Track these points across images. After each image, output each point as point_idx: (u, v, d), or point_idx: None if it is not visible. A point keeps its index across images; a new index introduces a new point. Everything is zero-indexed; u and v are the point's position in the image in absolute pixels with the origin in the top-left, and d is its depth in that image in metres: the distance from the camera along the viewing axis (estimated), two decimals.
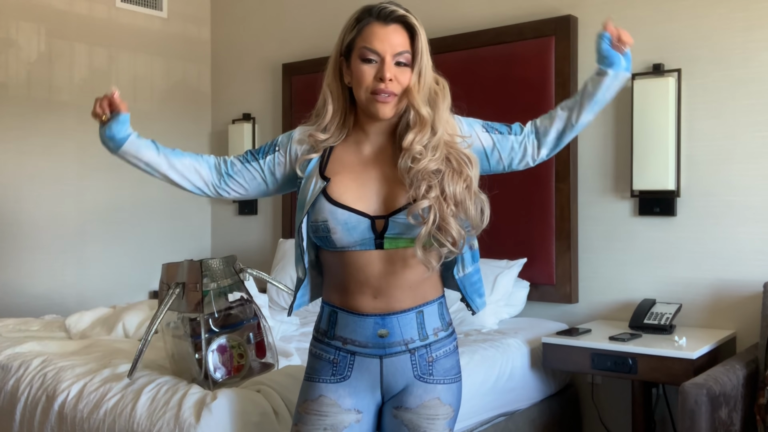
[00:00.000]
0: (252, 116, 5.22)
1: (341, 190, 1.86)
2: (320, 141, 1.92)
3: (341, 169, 1.89)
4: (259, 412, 2.29)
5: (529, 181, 3.80)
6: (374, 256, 1.85)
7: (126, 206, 4.97)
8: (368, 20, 1.85)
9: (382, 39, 1.82)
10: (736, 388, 2.81)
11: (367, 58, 1.82)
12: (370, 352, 1.88)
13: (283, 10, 5.08)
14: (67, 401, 2.56)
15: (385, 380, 1.89)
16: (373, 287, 1.86)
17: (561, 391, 3.65)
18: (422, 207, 1.77)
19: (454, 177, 1.82)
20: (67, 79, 4.69)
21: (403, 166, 1.81)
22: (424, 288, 1.91)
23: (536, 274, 3.82)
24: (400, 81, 1.82)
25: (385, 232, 1.83)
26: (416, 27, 1.86)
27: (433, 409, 1.90)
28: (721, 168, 3.42)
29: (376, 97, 1.81)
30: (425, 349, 1.90)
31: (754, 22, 3.33)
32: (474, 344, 3.25)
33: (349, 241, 1.84)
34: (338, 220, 1.83)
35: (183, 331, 2.56)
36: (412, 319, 1.88)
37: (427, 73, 1.86)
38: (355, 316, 1.88)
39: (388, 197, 1.85)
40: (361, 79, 1.83)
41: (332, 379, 1.91)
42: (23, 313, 4.35)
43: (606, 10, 3.71)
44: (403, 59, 1.83)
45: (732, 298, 3.38)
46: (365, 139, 1.93)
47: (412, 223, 1.79)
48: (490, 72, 3.98)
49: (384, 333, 1.86)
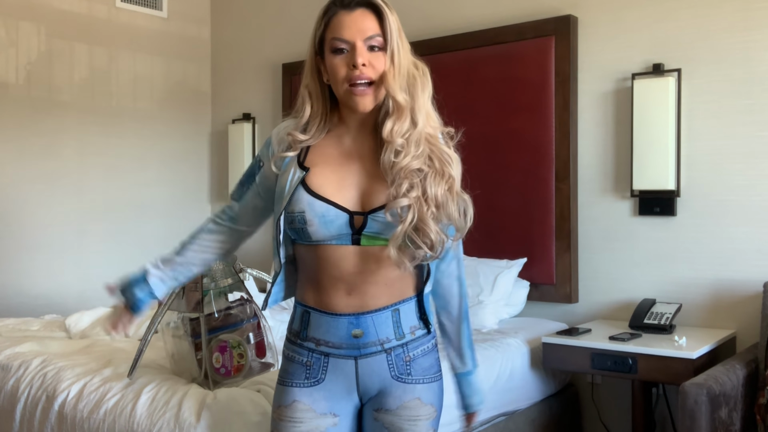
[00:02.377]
0: (252, 116, 5.22)
1: (320, 181, 1.79)
2: (299, 141, 1.84)
3: (321, 161, 1.83)
4: (259, 411, 2.29)
5: (529, 181, 3.81)
6: (350, 252, 1.78)
7: (126, 206, 4.97)
8: (333, 10, 1.79)
9: (349, 25, 1.76)
10: (736, 388, 2.81)
11: (338, 48, 1.76)
12: (344, 353, 1.81)
13: (283, 10, 5.09)
14: (67, 401, 2.56)
15: (361, 382, 1.83)
16: (347, 283, 1.79)
17: (561, 391, 3.65)
18: (401, 205, 1.70)
19: (437, 178, 1.75)
20: (67, 79, 4.69)
21: (386, 161, 1.74)
22: (401, 285, 1.83)
23: (536, 273, 3.82)
24: (375, 66, 1.75)
25: (363, 229, 1.77)
26: (382, 7, 1.77)
27: (414, 410, 1.84)
28: (722, 168, 3.42)
29: (353, 89, 1.74)
30: (402, 349, 1.83)
31: (754, 22, 3.33)
32: (474, 344, 3.24)
33: (325, 234, 1.77)
34: (315, 212, 1.76)
35: (183, 330, 2.56)
36: (388, 317, 1.81)
37: (402, 55, 1.78)
38: (328, 316, 1.81)
39: (367, 192, 1.79)
40: (336, 72, 1.77)
41: (306, 382, 1.85)
42: (23, 313, 4.35)
43: (606, 9, 3.71)
44: (375, 43, 1.76)
45: (732, 298, 3.38)
46: (346, 132, 1.86)
47: (389, 221, 1.72)
48: (489, 72, 3.97)
49: (358, 333, 1.80)
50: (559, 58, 3.78)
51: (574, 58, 3.78)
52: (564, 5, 3.83)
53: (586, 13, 3.78)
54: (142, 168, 5.07)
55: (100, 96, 4.85)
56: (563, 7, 3.83)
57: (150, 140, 5.12)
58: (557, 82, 3.78)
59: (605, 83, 3.72)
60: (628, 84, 3.63)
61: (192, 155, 5.41)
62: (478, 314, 3.58)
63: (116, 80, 4.94)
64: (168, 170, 5.23)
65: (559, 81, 3.77)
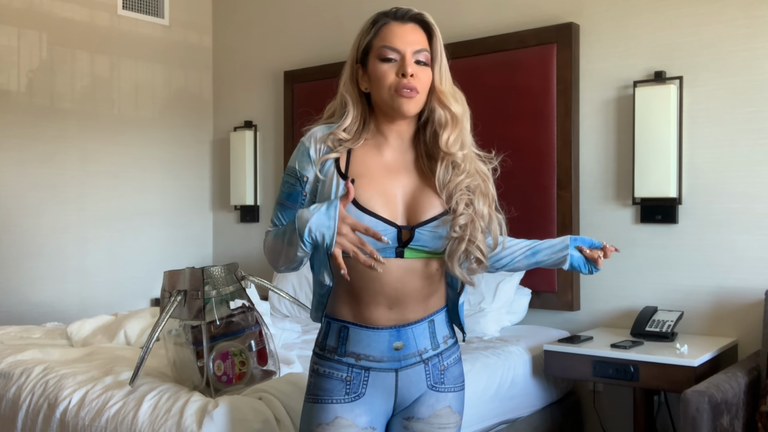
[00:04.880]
0: (254, 124, 5.22)
1: (368, 194, 1.78)
2: (342, 141, 1.83)
3: (365, 172, 1.82)
4: (261, 419, 2.28)
5: (530, 189, 3.81)
6: (392, 264, 1.78)
7: (127, 213, 4.98)
8: (385, 21, 1.83)
9: (401, 36, 1.80)
10: (738, 396, 2.81)
11: (386, 57, 1.79)
12: (385, 366, 1.83)
13: (284, 18, 5.10)
14: (69, 409, 2.56)
15: (399, 393, 1.85)
16: (388, 297, 1.80)
17: (563, 399, 3.65)
18: (462, 223, 1.78)
19: (482, 196, 1.83)
20: (69, 87, 4.70)
21: (442, 177, 1.81)
22: (433, 298, 1.87)
23: (538, 281, 3.82)
24: (421, 79, 1.79)
25: (409, 242, 1.79)
26: (433, 26, 1.84)
27: (444, 418, 1.88)
28: (723, 175, 3.42)
29: (400, 92, 1.77)
30: (437, 358, 1.87)
31: (756, 30, 3.34)
32: (476, 352, 3.25)
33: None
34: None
35: (185, 338, 2.56)
36: (425, 329, 1.85)
37: (446, 75, 1.85)
38: (368, 330, 1.82)
39: (413, 206, 1.81)
40: (382, 79, 1.79)
41: (346, 398, 1.83)
42: (25, 320, 4.35)
43: (608, 17, 3.71)
44: (422, 57, 1.80)
45: (733, 306, 3.38)
46: (385, 143, 1.87)
47: (455, 237, 1.78)
48: (491, 80, 3.98)
49: (399, 345, 1.82)
50: (560, 65, 3.78)
51: (576, 65, 3.78)
52: (566, 13, 3.84)
53: (588, 20, 3.78)
54: (143, 175, 5.07)
55: (101, 103, 4.86)
56: (565, 14, 3.83)
57: (151, 148, 5.13)
58: (559, 90, 3.78)
59: (607, 91, 3.73)
60: (630, 92, 3.63)
61: (193, 163, 5.41)
62: (480, 322, 3.58)
63: (118, 88, 4.95)
64: (169, 178, 5.24)
65: (561, 88, 3.78)
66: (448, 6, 4.23)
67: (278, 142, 5.10)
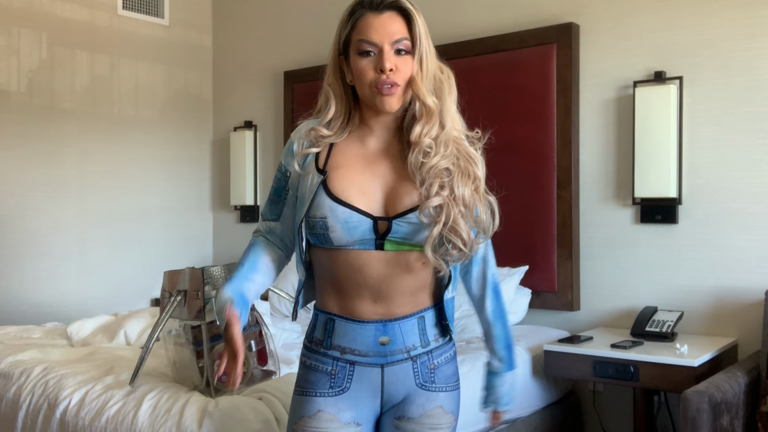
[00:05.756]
0: (254, 124, 5.22)
1: (343, 185, 1.75)
2: (323, 137, 1.81)
3: (344, 163, 1.79)
4: (261, 419, 2.28)
5: (530, 189, 3.81)
6: (373, 257, 1.74)
7: (127, 214, 4.98)
8: (361, 12, 1.76)
9: (377, 28, 1.72)
10: (738, 396, 2.81)
11: (364, 51, 1.73)
12: (370, 361, 1.78)
13: (284, 18, 5.10)
14: (68, 409, 2.56)
15: (386, 390, 1.80)
16: (372, 290, 1.76)
17: (563, 399, 3.65)
18: (433, 205, 1.69)
19: (463, 178, 1.74)
20: (69, 87, 4.70)
21: (413, 162, 1.72)
22: (423, 294, 1.81)
23: (538, 281, 3.82)
24: (401, 70, 1.73)
25: (387, 234, 1.73)
26: (411, 11, 1.75)
27: (436, 418, 1.83)
28: (723, 175, 3.42)
29: (380, 89, 1.72)
30: (427, 356, 1.81)
31: (756, 30, 3.34)
32: (475, 351, 3.24)
33: (348, 240, 1.73)
34: (338, 218, 1.72)
35: (184, 338, 2.56)
36: (414, 324, 1.79)
37: (430, 59, 1.77)
38: (354, 323, 1.77)
39: (391, 196, 1.75)
40: (362, 75, 1.74)
41: (330, 392, 1.79)
42: (25, 320, 4.35)
43: (608, 17, 3.71)
44: (402, 46, 1.73)
45: (733, 306, 3.38)
46: (370, 134, 1.83)
47: (425, 222, 1.70)
48: (491, 80, 3.98)
49: (385, 341, 1.76)
50: (560, 65, 3.78)
51: (576, 65, 3.78)
52: (566, 13, 3.84)
53: (588, 20, 3.78)
54: (143, 175, 5.07)
55: (101, 103, 4.86)
56: (565, 14, 3.83)
57: (151, 148, 5.13)
58: (559, 90, 3.78)
59: (607, 91, 3.73)
60: (630, 92, 3.63)
61: (193, 163, 5.41)
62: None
63: (118, 88, 4.95)
64: (169, 178, 5.24)
65: (561, 88, 3.78)
66: (448, 6, 4.24)
67: (278, 142, 5.10)
